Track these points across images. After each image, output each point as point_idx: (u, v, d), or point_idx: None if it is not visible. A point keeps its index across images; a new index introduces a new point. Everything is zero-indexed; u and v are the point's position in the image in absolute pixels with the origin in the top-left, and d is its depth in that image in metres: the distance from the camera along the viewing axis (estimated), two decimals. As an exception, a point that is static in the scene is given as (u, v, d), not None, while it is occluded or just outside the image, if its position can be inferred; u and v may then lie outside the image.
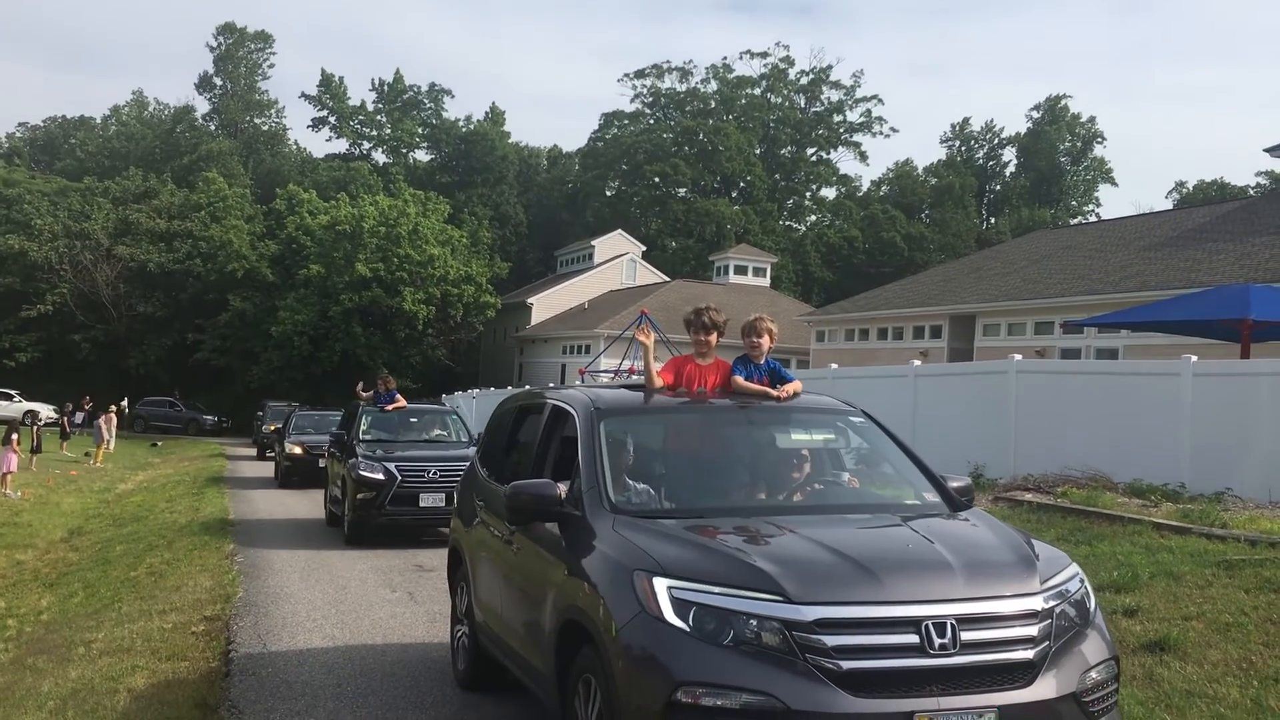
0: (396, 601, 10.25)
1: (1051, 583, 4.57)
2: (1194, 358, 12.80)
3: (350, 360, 54.67)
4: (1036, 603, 4.41)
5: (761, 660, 4.12)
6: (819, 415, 6.28)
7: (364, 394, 18.34)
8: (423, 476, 14.12)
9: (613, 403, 6.01)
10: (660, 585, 4.32)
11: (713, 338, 6.24)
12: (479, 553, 6.87)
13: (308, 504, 19.21)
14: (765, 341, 6.19)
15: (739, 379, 6.13)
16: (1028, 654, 4.28)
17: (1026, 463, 13.94)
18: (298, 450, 23.20)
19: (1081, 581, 4.78)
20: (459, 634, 7.39)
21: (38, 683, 8.02)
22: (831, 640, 4.12)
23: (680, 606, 4.26)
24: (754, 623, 4.17)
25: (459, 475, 12.82)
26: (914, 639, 4.16)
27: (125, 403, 38.96)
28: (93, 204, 61.17)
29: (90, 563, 14.90)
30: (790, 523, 4.91)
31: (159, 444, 44.32)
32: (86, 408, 47.40)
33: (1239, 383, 12.28)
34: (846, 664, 4.10)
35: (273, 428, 30.99)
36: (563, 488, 5.45)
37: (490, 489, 6.89)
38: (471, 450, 14.17)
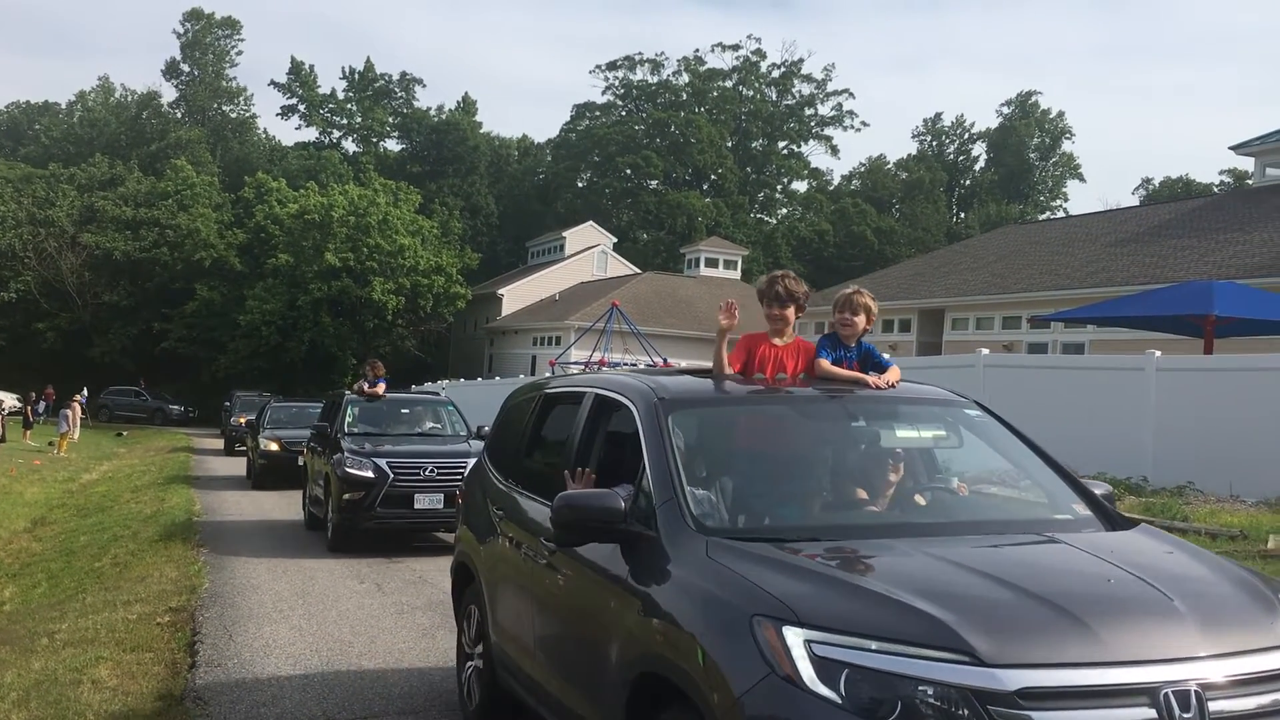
0: (364, 593, 10.21)
1: None
2: (1158, 353, 12.95)
3: (319, 350, 54.39)
4: None
5: None
6: (928, 407, 5.19)
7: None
8: (418, 475, 12.84)
9: (681, 392, 4.88)
10: (794, 638, 3.25)
11: (790, 312, 5.11)
12: (500, 572, 5.75)
13: (284, 504, 18.88)
14: (861, 320, 5.11)
15: (825, 363, 5.04)
16: None
17: (993, 456, 14.03)
18: (274, 446, 21.24)
19: None
20: (469, 666, 6.22)
21: (0, 674, 7.95)
22: (1041, 718, 3.10)
23: (826, 668, 3.19)
24: (931, 692, 3.12)
25: (458, 473, 12.36)
26: (1150, 715, 3.14)
27: (84, 394, 38.19)
28: (57, 191, 60.53)
29: (54, 553, 14.77)
30: (932, 547, 3.89)
31: (124, 434, 43.92)
32: (49, 399, 46.92)
33: (1202, 378, 12.44)
34: None
35: (243, 420, 29.64)
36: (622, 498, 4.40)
37: (512, 497, 5.85)
38: (471, 445, 13.65)
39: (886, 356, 5.24)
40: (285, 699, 6.72)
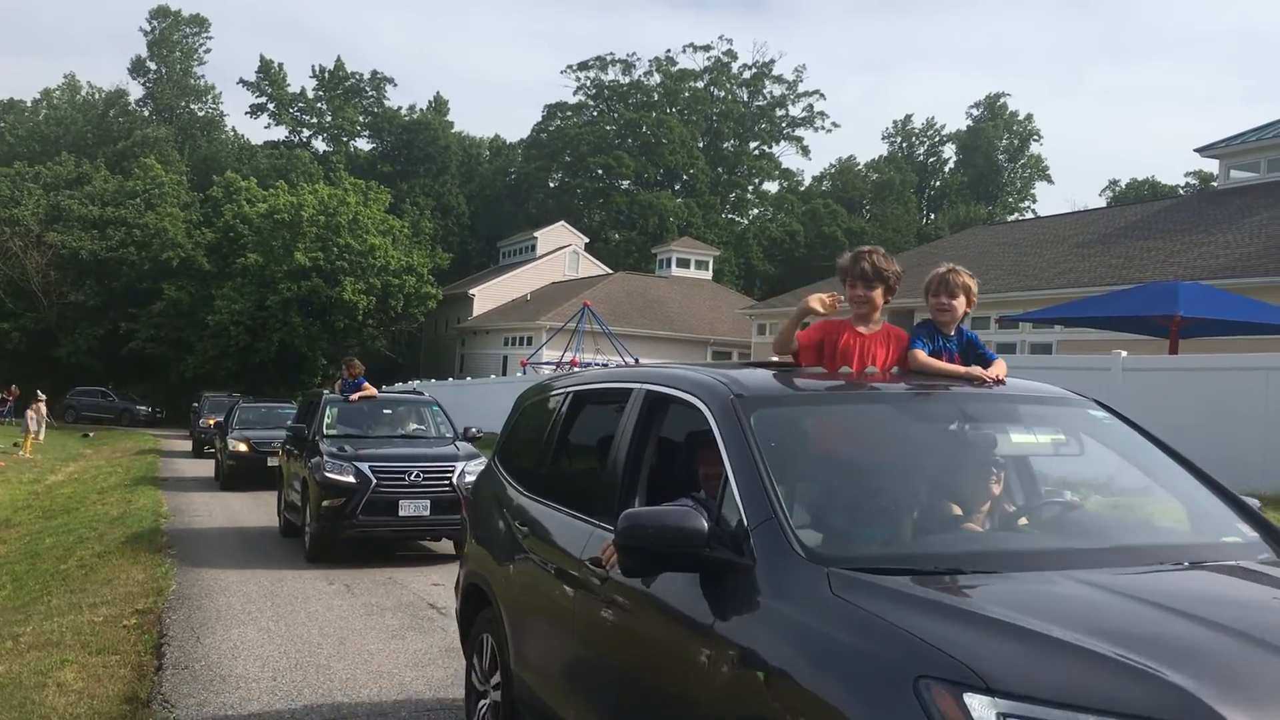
0: (334, 594, 10.17)
1: None
2: (1124, 353, 13.09)
3: (288, 350, 54.05)
4: None
5: None
6: (1047, 408, 4.38)
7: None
8: (402, 480, 12.11)
9: (762, 388, 4.08)
10: (984, 710, 2.46)
11: (878, 294, 4.39)
12: (528, 599, 4.94)
13: (252, 505, 18.75)
14: (960, 304, 4.42)
15: (921, 354, 4.33)
16: None
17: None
18: (242, 447, 21.12)
19: None
20: (482, 703, 5.41)
21: (-37, 678, 7.85)
22: None
23: None
24: None
25: (445, 478, 12.17)
26: None
27: (43, 400, 37.23)
28: (23, 189, 59.85)
29: (18, 555, 14.59)
30: (1106, 579, 3.12)
31: (91, 435, 43.47)
32: (13, 396, 46.40)
33: (1167, 378, 12.58)
34: None
35: (212, 421, 29.20)
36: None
37: (540, 511, 5.05)
38: (459, 448, 13.27)
39: (989, 348, 4.52)
40: (253, 701, 6.69)
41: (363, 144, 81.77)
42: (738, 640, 3.16)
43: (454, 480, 12.12)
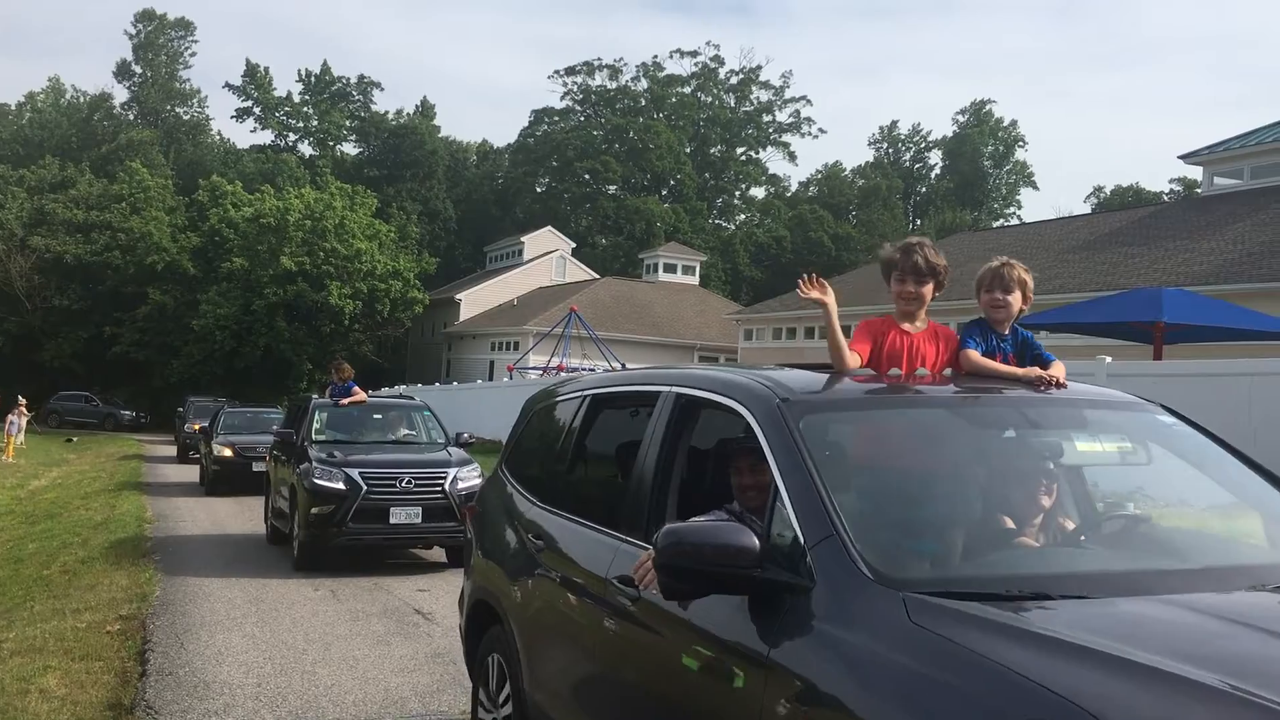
0: (319, 600, 10.13)
1: None
2: (1109, 359, 13.11)
3: (274, 355, 53.92)
4: None
5: None
6: (1113, 413, 4.06)
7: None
8: (393, 486, 11.82)
9: (811, 392, 3.73)
10: None
11: (928, 290, 4.09)
12: (545, 619, 4.57)
13: (237, 510, 18.69)
14: (1016, 300, 4.15)
15: (974, 354, 4.02)
16: None
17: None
18: (227, 452, 21.08)
19: None
20: None
21: (-56, 684, 7.79)
22: None
23: None
24: None
25: (438, 485, 11.96)
26: None
27: (24, 404, 36.65)
28: (6, 193, 59.59)
29: (1, 561, 14.51)
30: (1206, 604, 2.77)
31: (74, 439, 43.25)
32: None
33: (1151, 383, 12.59)
34: None
35: (197, 426, 28.62)
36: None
37: (556, 524, 4.71)
38: (451, 454, 13.08)
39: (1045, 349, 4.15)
40: (238, 707, 6.66)
41: (349, 148, 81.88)
42: (799, 671, 2.81)
43: (446, 487, 11.98)
